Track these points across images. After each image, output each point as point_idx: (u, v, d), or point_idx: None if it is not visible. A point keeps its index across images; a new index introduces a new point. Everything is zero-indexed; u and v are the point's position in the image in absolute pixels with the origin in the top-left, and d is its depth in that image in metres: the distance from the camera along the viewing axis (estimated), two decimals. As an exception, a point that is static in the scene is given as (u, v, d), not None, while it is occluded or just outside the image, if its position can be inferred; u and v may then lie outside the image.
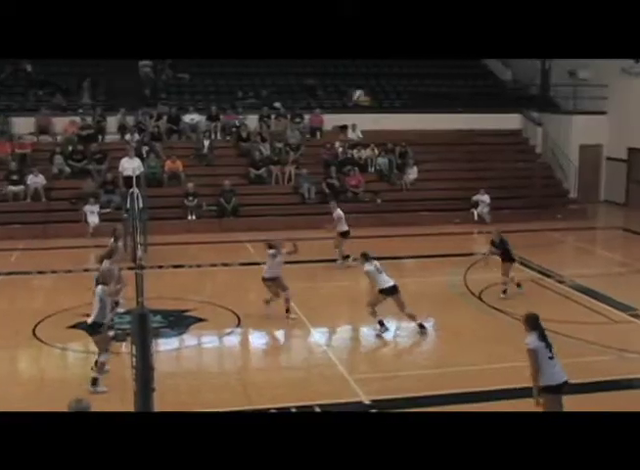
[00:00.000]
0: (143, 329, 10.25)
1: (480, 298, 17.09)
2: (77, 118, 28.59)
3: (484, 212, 26.58)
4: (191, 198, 25.41)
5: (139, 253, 11.71)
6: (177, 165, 26.77)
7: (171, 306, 16.02)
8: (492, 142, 31.04)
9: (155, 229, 21.62)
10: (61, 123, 28.41)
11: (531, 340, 9.45)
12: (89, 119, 28.58)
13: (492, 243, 17.40)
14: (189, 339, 14.81)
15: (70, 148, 27.28)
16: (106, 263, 13.46)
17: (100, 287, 12.13)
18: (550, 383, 9.42)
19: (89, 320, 12.21)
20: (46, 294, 18.89)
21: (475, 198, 26.89)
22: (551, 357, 9.44)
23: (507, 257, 17.05)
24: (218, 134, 29.32)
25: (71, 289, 17.92)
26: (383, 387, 12.16)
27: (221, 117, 29.56)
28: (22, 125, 28.12)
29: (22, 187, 25.42)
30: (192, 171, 26.99)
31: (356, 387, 12.12)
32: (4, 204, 25.15)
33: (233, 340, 15.17)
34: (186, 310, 15.79)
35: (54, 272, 19.83)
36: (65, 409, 8.99)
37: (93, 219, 24.23)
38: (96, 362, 12.24)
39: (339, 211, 20.75)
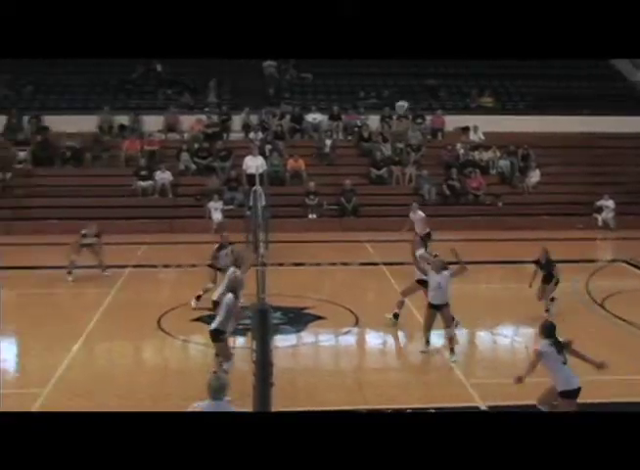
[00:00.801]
0: (263, 325, 10.44)
1: (602, 305, 16.66)
2: (204, 117, 29.29)
3: (609, 218, 25.92)
4: (312, 197, 25.68)
5: (261, 250, 11.84)
6: (299, 164, 27.08)
7: (291, 304, 16.20)
8: (617, 146, 30.18)
9: (276, 227, 21.90)
10: (188, 122, 29.17)
11: (542, 344, 9.86)
12: (215, 118, 29.22)
13: (537, 262, 15.83)
14: (307, 336, 14.95)
15: (197, 145, 27.97)
16: (237, 272, 13.52)
17: (229, 296, 12.09)
18: (566, 388, 9.75)
19: (212, 325, 12.35)
20: (171, 287, 19.42)
21: (599, 203, 26.26)
22: (564, 363, 9.74)
23: (548, 278, 15.61)
24: (340, 134, 29.51)
25: (195, 283, 18.36)
26: (499, 393, 11.98)
27: (343, 116, 29.74)
28: (152, 123, 29.04)
29: (150, 183, 26.27)
30: (313, 170, 27.25)
31: (472, 391, 12.01)
32: (133, 199, 26.00)
33: (350, 339, 15.24)
34: (305, 308, 15.96)
35: (179, 266, 20.36)
36: (186, 401, 9.26)
37: (217, 216, 24.79)
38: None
39: (420, 213, 20.30)
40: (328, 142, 28.35)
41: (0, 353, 13.88)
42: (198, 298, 15.93)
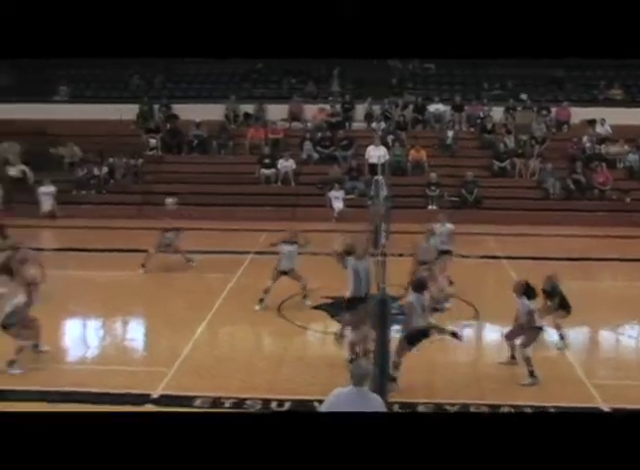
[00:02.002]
0: (383, 314, 10.53)
1: None
2: (327, 106, 29.47)
3: None
4: (433, 188, 25.57)
5: (382, 240, 11.86)
6: (421, 155, 26.99)
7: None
8: None
9: (396, 217, 21.85)
10: (311, 111, 29.44)
11: None
12: (338, 107, 29.39)
13: (544, 292, 13.65)
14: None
15: (319, 134, 28.21)
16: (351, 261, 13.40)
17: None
18: None
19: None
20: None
21: None
22: None
23: (563, 306, 13.76)
24: (463, 125, 29.23)
25: (316, 271, 18.55)
26: (623, 394, 11.67)
27: (466, 107, 29.43)
28: (276, 112, 29.40)
29: (273, 171, 26.66)
30: (435, 161, 27.12)
31: (594, 392, 11.76)
32: (256, 186, 26.43)
33: (468, 332, 15.13)
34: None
35: (300, 254, 20.57)
36: (302, 386, 9.40)
37: (338, 205, 24.96)
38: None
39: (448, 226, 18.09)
40: (450, 133, 28.13)
41: (130, 333, 14.39)
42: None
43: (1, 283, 13.05)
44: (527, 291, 12.38)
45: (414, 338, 11.69)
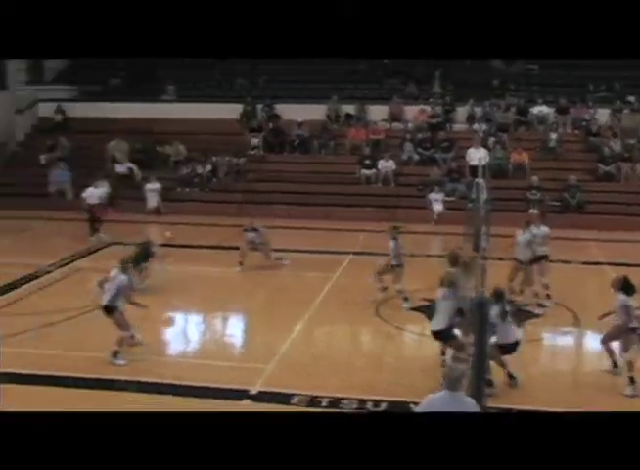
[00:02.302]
0: (482, 318, 10.43)
1: None
2: (427, 107, 29.32)
3: None
4: (534, 191, 25.15)
5: (483, 243, 11.75)
6: (523, 157, 26.60)
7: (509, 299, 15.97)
8: None
9: (496, 220, 21.55)
10: (411, 112, 29.29)
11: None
12: (439, 108, 29.21)
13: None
14: (524, 333, 14.69)
15: (420, 135, 28.09)
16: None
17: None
18: None
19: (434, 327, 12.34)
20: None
21: None
22: None
23: None
24: (567, 127, 28.68)
25: (414, 272, 18.47)
26: None
27: (571, 109, 28.85)
28: (377, 113, 29.38)
29: (373, 171, 26.66)
30: (537, 164, 26.64)
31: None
32: (357, 186, 26.49)
33: (568, 338, 14.88)
34: (524, 305, 15.69)
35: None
36: (401, 387, 9.35)
37: (437, 207, 24.82)
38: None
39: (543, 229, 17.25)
40: (553, 136, 27.62)
41: (229, 329, 14.64)
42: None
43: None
44: (626, 286, 12.16)
45: (504, 350, 11.63)
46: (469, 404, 7.24)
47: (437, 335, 12.15)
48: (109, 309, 12.57)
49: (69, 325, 14.51)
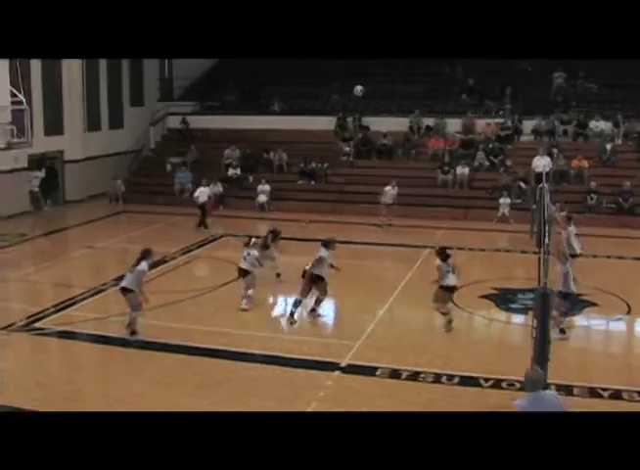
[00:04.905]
0: (544, 307, 10.24)
1: None
2: (494, 121, 28.85)
3: None
4: (592, 195, 24.54)
5: (546, 240, 11.54)
6: (583, 164, 25.94)
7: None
8: None
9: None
10: (483, 125, 28.89)
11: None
12: (509, 122, 28.73)
13: None
14: (582, 320, 14.40)
15: (490, 145, 27.70)
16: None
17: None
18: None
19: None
20: (463, 266, 19.35)
21: None
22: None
23: None
24: (621, 139, 27.83)
25: (484, 265, 18.30)
26: None
27: (625, 123, 27.99)
28: (453, 125, 29.12)
29: (450, 176, 26.43)
30: (595, 172, 25.97)
31: None
32: (435, 189, 26.32)
33: (621, 325, 14.49)
34: (581, 295, 15.36)
35: (470, 250, 20.38)
36: (471, 364, 9.19)
37: (505, 209, 24.44)
38: None
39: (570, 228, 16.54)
40: (609, 146, 26.85)
41: (324, 310, 14.71)
42: None
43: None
44: None
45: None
46: (553, 400, 6.84)
47: None
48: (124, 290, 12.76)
49: (194, 302, 14.92)
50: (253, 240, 15.17)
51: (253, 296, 14.55)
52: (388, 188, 23.69)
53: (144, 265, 12.76)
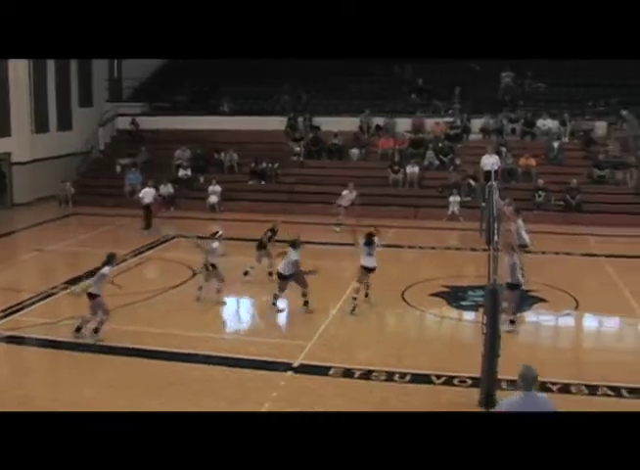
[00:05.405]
0: (494, 303, 10.33)
1: None
2: (444, 120, 29.06)
3: None
4: (540, 192, 24.89)
5: (495, 237, 11.64)
6: (530, 163, 26.30)
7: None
8: None
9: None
10: (432, 124, 29.08)
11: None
12: (458, 121, 28.99)
13: None
14: (531, 316, 14.58)
15: (440, 144, 27.92)
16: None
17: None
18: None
19: None
20: (414, 265, 19.59)
21: None
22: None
23: None
24: (567, 137, 28.29)
25: (434, 263, 18.39)
26: None
27: (571, 122, 28.46)
28: (402, 125, 29.28)
29: (400, 175, 26.56)
30: (542, 169, 26.35)
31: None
32: (386, 188, 26.41)
33: (570, 320, 14.70)
34: (530, 290, 15.55)
35: (421, 248, 20.51)
36: (421, 363, 9.17)
37: (454, 207, 24.64)
38: None
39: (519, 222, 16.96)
40: (556, 144, 27.27)
41: (273, 310, 14.60)
42: None
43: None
44: None
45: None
46: (545, 403, 6.68)
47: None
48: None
49: (145, 305, 14.75)
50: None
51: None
52: (345, 192, 23.69)
53: (106, 269, 12.74)
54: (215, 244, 15.10)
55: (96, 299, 12.65)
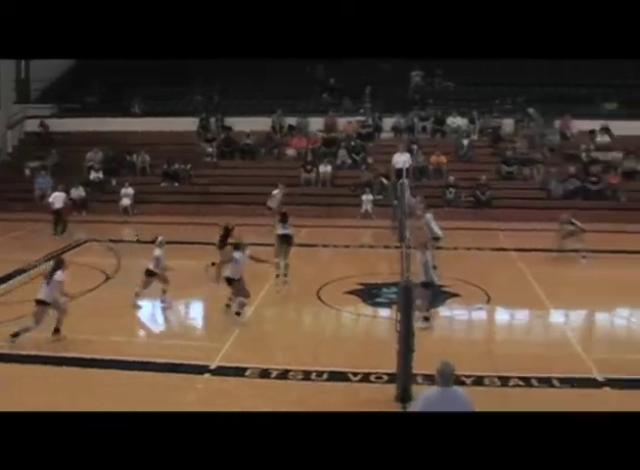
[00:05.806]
0: (407, 300, 10.42)
1: None
2: (359, 118, 29.31)
3: None
4: (451, 189, 25.36)
5: (406, 234, 11.74)
6: (441, 160, 26.77)
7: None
8: None
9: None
10: (345, 123, 29.26)
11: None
12: (369, 120, 29.25)
13: None
14: (445, 310, 14.79)
15: (352, 143, 28.12)
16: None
17: None
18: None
19: None
20: (328, 264, 19.63)
21: None
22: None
23: None
24: (476, 135, 28.91)
25: (348, 261, 18.46)
26: (618, 367, 11.38)
27: (480, 120, 29.10)
28: (315, 124, 29.37)
29: (313, 175, 26.61)
30: (453, 166, 26.84)
31: (592, 365, 11.50)
32: (298, 188, 26.39)
33: (482, 314, 14.98)
34: (443, 286, 15.77)
35: (335, 246, 20.58)
36: (337, 361, 9.18)
37: (368, 205, 24.86)
38: None
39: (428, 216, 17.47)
40: (465, 142, 27.86)
41: (190, 313, 14.39)
42: None
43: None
44: None
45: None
46: (463, 398, 6.74)
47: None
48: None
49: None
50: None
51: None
52: (275, 192, 23.40)
53: (59, 275, 12.42)
54: (157, 251, 14.43)
55: (45, 306, 12.26)
